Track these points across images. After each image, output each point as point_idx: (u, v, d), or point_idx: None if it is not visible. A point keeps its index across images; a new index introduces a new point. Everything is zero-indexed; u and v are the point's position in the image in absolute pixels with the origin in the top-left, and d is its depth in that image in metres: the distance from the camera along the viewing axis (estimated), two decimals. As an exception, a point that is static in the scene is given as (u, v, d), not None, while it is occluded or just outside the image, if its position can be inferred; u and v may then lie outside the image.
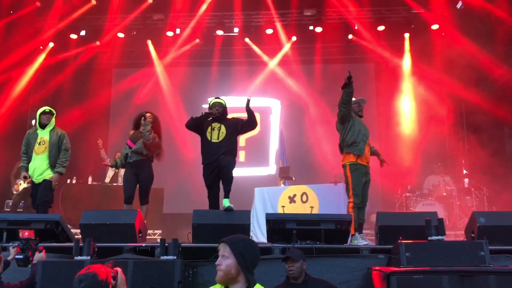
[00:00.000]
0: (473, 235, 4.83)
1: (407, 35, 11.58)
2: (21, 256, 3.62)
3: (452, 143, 11.22)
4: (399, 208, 9.38)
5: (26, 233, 4.72)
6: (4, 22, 10.08)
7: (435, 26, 10.94)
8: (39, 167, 6.04)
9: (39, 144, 6.11)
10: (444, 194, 9.07)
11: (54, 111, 6.25)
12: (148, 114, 6.18)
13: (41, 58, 11.31)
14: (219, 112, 5.82)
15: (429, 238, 4.10)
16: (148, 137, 5.92)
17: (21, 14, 10.28)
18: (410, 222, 4.92)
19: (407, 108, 11.38)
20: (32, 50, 10.98)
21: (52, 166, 6.09)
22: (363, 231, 5.70)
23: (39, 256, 3.72)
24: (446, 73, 10.73)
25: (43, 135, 6.15)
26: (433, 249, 4.00)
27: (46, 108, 6.23)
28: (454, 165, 10.63)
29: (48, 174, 6.06)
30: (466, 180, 9.61)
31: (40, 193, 5.99)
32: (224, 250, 2.36)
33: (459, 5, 10.63)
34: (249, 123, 5.80)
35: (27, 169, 6.11)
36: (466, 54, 9.97)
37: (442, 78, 10.81)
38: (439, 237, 4.07)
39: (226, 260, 2.33)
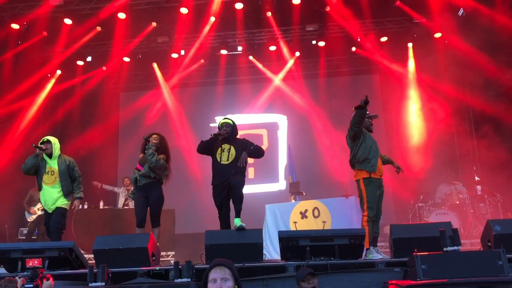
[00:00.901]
0: (489, 244, 4.77)
1: (410, 45, 11.62)
2: (30, 286, 3.65)
3: (462, 150, 11.14)
4: (412, 219, 9.29)
5: (36, 262, 4.76)
6: (12, 53, 10.28)
7: (437, 35, 10.99)
8: (50, 198, 6.06)
9: (48, 173, 6.11)
10: (457, 202, 8.97)
11: (51, 140, 6.17)
12: (154, 136, 6.17)
13: (49, 86, 11.51)
14: (227, 132, 5.82)
15: (445, 249, 4.05)
16: (150, 160, 5.91)
17: (29, 44, 10.48)
18: (424, 233, 4.88)
19: (414, 117, 11.37)
20: (40, 78, 11.17)
21: (65, 194, 6.13)
22: (378, 244, 5.65)
23: (47, 284, 3.75)
24: (451, 80, 10.70)
25: (52, 164, 6.15)
26: (449, 260, 3.94)
27: (44, 138, 6.19)
28: (465, 172, 10.54)
29: (61, 202, 6.09)
30: (479, 187, 9.50)
31: (53, 220, 6.01)
32: (224, 272, 2.36)
33: (460, 12, 10.65)
34: (256, 154, 5.88)
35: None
36: (471, 60, 9.95)
37: (448, 86, 10.79)
38: (455, 248, 4.02)
39: (227, 283, 2.34)
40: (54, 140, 6.21)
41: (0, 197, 10.26)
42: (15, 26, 10.13)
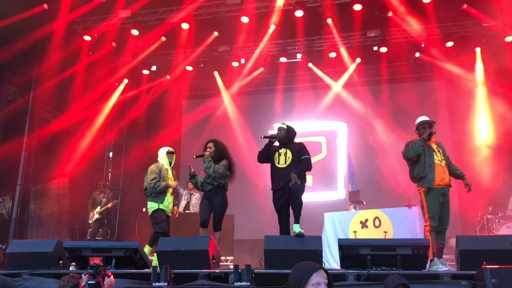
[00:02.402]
0: None
1: (478, 49, 11.11)
2: (93, 282, 3.86)
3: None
4: (480, 231, 8.82)
5: (97, 260, 5.02)
6: (85, 63, 10.91)
7: (509, 38, 10.41)
8: (171, 200, 6.62)
9: (171, 180, 6.64)
10: (531, 215, 8.43)
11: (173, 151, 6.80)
12: (208, 145, 6.34)
13: (117, 94, 12.10)
14: (278, 135, 5.93)
15: (517, 263, 3.83)
16: (208, 172, 6.11)
17: (99, 54, 11.09)
18: (493, 246, 4.61)
19: (483, 124, 10.82)
20: (109, 87, 11.79)
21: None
22: (443, 256, 5.44)
23: (108, 281, 3.94)
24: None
25: (172, 172, 6.70)
26: (523, 275, 3.72)
27: (170, 148, 6.75)
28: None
29: (171, 207, 6.69)
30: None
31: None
32: (326, 277, 2.29)
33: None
34: (304, 171, 5.90)
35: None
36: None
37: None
38: (528, 262, 3.79)
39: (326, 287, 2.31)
40: (174, 151, 6.81)
41: (71, 199, 10.92)
42: (87, 38, 10.77)
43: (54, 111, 10.82)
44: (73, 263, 5.47)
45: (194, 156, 6.45)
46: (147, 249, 6.28)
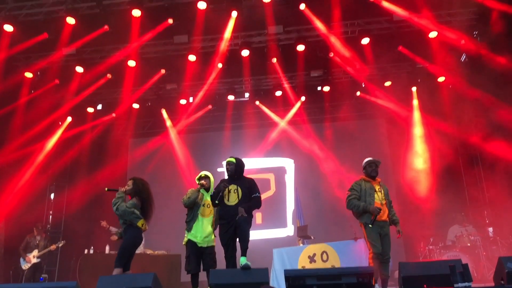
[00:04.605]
0: (502, 282, 4.62)
1: (414, 89, 11.79)
2: None
3: (471, 191, 11.00)
4: (424, 262, 9.07)
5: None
6: (25, 100, 10.50)
7: (441, 79, 11.12)
8: (205, 229, 6.11)
9: (204, 206, 6.22)
10: (469, 244, 8.77)
11: (209, 175, 6.38)
12: (128, 182, 6.09)
13: (59, 132, 11.66)
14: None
15: (455, 285, 3.95)
16: (113, 208, 5.86)
17: (41, 91, 10.74)
18: (434, 271, 4.74)
19: (421, 160, 11.34)
20: (51, 124, 11.33)
21: (214, 228, 6.22)
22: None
23: None
24: (458, 123, 10.72)
25: (208, 197, 6.25)
26: (461, 296, 3.83)
27: (202, 173, 6.40)
28: (476, 215, 10.35)
29: (212, 239, 6.15)
30: (491, 229, 9.31)
31: (211, 261, 6.06)
32: None
33: (463, 58, 10.85)
34: (254, 208, 5.86)
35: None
36: (478, 104, 9.98)
37: (455, 129, 10.83)
38: (466, 284, 3.92)
39: None
40: (210, 175, 6.41)
41: (7, 243, 10.24)
42: (28, 74, 10.44)
43: (-11, 150, 10.26)
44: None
45: (107, 189, 6.19)
46: None
